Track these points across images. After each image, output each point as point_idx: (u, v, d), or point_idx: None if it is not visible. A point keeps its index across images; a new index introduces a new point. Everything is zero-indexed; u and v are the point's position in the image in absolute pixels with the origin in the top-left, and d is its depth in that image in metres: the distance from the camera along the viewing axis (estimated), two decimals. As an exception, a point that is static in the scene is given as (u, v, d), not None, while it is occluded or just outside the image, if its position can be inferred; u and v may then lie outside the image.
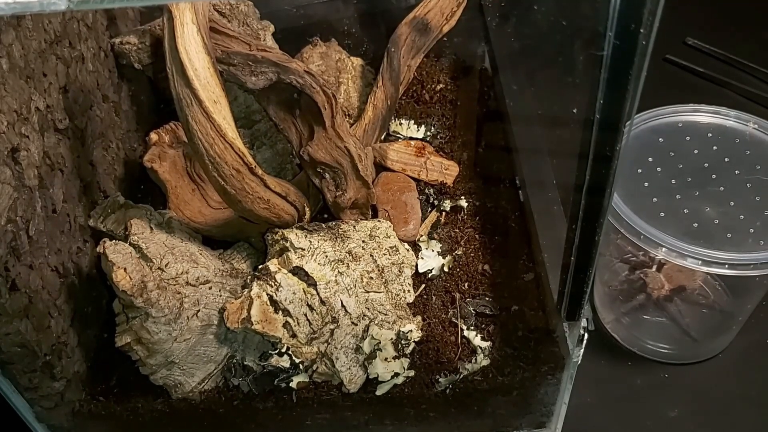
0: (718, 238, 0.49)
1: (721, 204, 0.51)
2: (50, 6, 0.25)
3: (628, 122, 0.30)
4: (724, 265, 0.47)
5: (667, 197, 0.52)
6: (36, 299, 0.44)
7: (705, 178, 0.53)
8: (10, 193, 0.42)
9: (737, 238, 0.49)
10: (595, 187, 0.33)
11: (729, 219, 0.50)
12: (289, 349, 0.47)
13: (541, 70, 0.71)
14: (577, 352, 0.44)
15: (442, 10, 0.63)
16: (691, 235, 0.49)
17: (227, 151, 0.43)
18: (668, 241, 0.48)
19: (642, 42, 0.26)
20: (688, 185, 0.52)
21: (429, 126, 0.63)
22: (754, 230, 0.49)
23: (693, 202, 0.51)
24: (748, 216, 0.50)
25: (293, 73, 0.46)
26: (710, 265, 0.48)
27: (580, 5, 0.75)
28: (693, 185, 0.52)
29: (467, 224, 0.56)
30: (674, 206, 0.51)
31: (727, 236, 0.49)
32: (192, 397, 0.48)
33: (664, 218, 0.50)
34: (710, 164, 0.53)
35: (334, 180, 0.51)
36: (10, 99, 0.43)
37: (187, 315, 0.46)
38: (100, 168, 0.56)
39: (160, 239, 0.48)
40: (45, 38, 0.49)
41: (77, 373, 0.49)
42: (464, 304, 0.51)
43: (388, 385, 0.47)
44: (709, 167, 0.53)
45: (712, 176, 0.52)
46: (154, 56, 0.60)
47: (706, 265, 0.48)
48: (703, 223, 0.50)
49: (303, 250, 0.48)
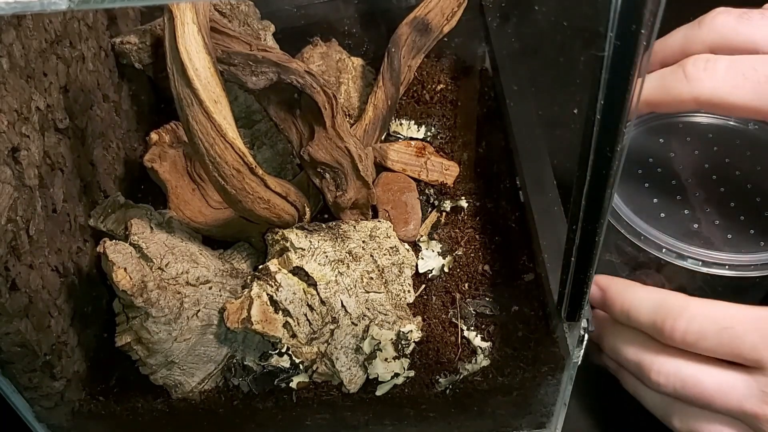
0: (719, 239, 0.49)
1: (721, 205, 0.51)
2: (51, 6, 0.25)
3: (629, 123, 0.30)
4: (724, 266, 0.47)
5: (667, 198, 0.52)
6: (36, 299, 0.44)
7: (705, 178, 0.53)
8: (10, 192, 0.42)
9: (737, 239, 0.49)
10: (596, 188, 0.33)
11: (729, 220, 0.50)
12: (289, 349, 0.47)
13: (542, 70, 0.71)
14: (577, 352, 0.44)
15: (442, 11, 0.63)
16: (691, 236, 0.49)
17: (227, 151, 0.43)
18: (668, 242, 0.49)
19: (643, 43, 0.26)
20: (688, 186, 0.52)
21: (429, 126, 0.63)
22: (755, 231, 0.49)
23: (693, 202, 0.51)
24: (749, 217, 0.50)
25: (294, 73, 0.46)
26: (710, 266, 0.48)
27: (581, 6, 0.75)
28: (693, 186, 0.52)
29: (467, 224, 0.56)
30: (674, 207, 0.51)
31: (728, 237, 0.49)
32: (192, 397, 0.48)
33: (664, 219, 0.50)
34: (711, 165, 0.53)
35: (334, 180, 0.51)
36: (11, 98, 0.43)
37: (187, 315, 0.46)
38: (100, 168, 0.56)
39: (160, 239, 0.48)
40: (45, 38, 0.49)
41: (77, 372, 0.49)
42: (464, 305, 0.51)
43: (388, 386, 0.47)
44: (709, 168, 0.53)
45: (712, 177, 0.53)
46: (154, 56, 0.60)
47: (706, 266, 0.48)
48: (704, 224, 0.50)
49: (303, 250, 0.48)
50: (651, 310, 0.44)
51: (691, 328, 0.42)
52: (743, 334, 0.41)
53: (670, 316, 0.43)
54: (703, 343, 0.42)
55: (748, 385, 0.42)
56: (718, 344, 0.42)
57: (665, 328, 0.43)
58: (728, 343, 0.41)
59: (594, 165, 0.32)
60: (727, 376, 0.42)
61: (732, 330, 0.41)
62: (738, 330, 0.41)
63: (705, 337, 0.42)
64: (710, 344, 0.42)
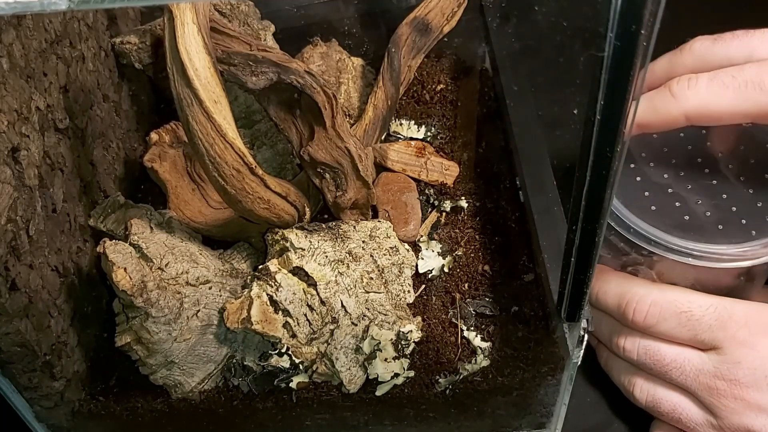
0: (710, 230, 0.49)
1: (713, 197, 0.51)
2: (51, 6, 0.25)
3: (629, 124, 0.30)
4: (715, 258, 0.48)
5: (658, 191, 0.52)
6: (36, 299, 0.44)
7: (698, 172, 0.53)
8: (10, 192, 0.42)
9: (729, 230, 0.49)
10: (596, 188, 0.33)
11: (721, 211, 0.50)
12: (289, 349, 0.47)
13: (542, 70, 0.71)
14: (577, 352, 0.44)
15: (442, 11, 0.63)
16: (681, 228, 0.49)
17: (227, 151, 0.43)
18: (657, 234, 0.49)
19: (643, 43, 0.26)
20: (680, 179, 0.53)
21: (429, 126, 0.63)
22: (746, 221, 0.49)
23: (685, 195, 0.52)
24: (741, 207, 0.50)
25: (294, 73, 0.46)
26: (699, 259, 0.48)
27: (581, 6, 0.75)
28: (685, 179, 0.53)
29: (467, 225, 0.56)
30: (666, 200, 0.51)
31: (719, 228, 0.49)
32: (192, 397, 0.48)
33: (655, 212, 0.51)
34: (703, 159, 0.54)
35: (334, 180, 0.51)
36: (11, 98, 0.43)
37: (187, 315, 0.46)
38: (100, 168, 0.56)
39: (160, 239, 0.48)
40: (45, 38, 0.49)
41: (77, 372, 0.49)
42: (464, 305, 0.51)
43: (387, 386, 0.47)
44: (702, 162, 0.53)
45: (705, 170, 0.53)
46: (154, 56, 0.60)
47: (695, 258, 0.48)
48: (695, 215, 0.50)
49: (303, 250, 0.48)
50: (616, 296, 0.49)
51: (651, 312, 0.47)
52: (700, 317, 0.46)
53: (632, 301, 0.48)
54: (662, 325, 0.47)
55: (702, 360, 0.47)
56: (677, 326, 0.46)
57: (627, 313, 0.48)
58: (686, 325, 0.46)
59: (594, 165, 0.32)
60: (685, 351, 0.47)
61: (690, 313, 0.46)
62: (696, 313, 0.46)
63: (665, 319, 0.47)
64: (669, 326, 0.47)
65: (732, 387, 0.45)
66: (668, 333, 0.47)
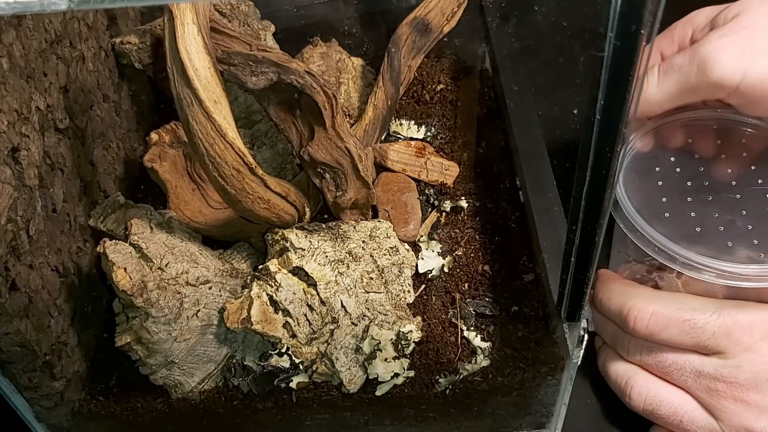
0: (717, 246, 0.47)
1: (731, 212, 0.49)
2: (51, 6, 0.25)
3: (629, 124, 0.30)
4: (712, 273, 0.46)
5: (677, 198, 0.50)
6: (36, 299, 0.44)
7: (723, 183, 0.51)
8: (10, 192, 0.42)
9: (737, 248, 0.47)
10: (596, 188, 0.33)
11: (735, 228, 0.48)
12: (289, 349, 0.47)
13: (542, 70, 0.71)
14: (577, 353, 0.44)
15: (442, 11, 0.63)
16: (689, 239, 0.47)
17: (227, 151, 0.43)
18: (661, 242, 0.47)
19: (643, 43, 0.26)
20: (703, 189, 0.50)
21: (429, 126, 0.63)
22: (758, 242, 0.47)
23: (703, 206, 0.49)
24: (757, 227, 0.48)
25: (294, 73, 0.46)
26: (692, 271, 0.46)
27: (581, 6, 0.75)
28: (708, 189, 0.50)
29: (467, 225, 0.56)
30: (681, 208, 0.49)
31: (728, 245, 0.48)
32: (192, 397, 0.48)
33: (667, 219, 0.49)
34: (733, 170, 0.51)
35: (334, 180, 0.51)
36: (11, 98, 0.43)
37: (187, 315, 0.46)
38: (100, 168, 0.56)
39: (160, 239, 0.48)
40: (45, 38, 0.49)
41: (77, 372, 0.49)
42: (464, 305, 0.51)
43: (387, 386, 0.47)
44: (731, 173, 0.51)
45: (731, 183, 0.51)
46: (154, 56, 0.60)
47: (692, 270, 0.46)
48: (707, 228, 0.48)
49: (303, 250, 0.48)
50: (618, 305, 0.49)
51: (653, 322, 0.47)
52: (704, 325, 0.46)
53: (633, 310, 0.47)
54: (665, 334, 0.46)
55: (703, 362, 0.46)
56: (680, 334, 0.46)
57: (629, 322, 0.47)
58: (689, 333, 0.46)
59: (594, 165, 0.32)
60: (686, 354, 0.47)
61: (693, 321, 0.46)
62: (698, 321, 0.46)
63: (667, 328, 0.46)
64: (671, 334, 0.46)
65: (732, 389, 0.46)
66: (671, 340, 0.47)
